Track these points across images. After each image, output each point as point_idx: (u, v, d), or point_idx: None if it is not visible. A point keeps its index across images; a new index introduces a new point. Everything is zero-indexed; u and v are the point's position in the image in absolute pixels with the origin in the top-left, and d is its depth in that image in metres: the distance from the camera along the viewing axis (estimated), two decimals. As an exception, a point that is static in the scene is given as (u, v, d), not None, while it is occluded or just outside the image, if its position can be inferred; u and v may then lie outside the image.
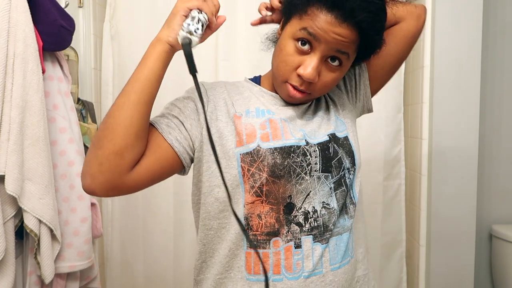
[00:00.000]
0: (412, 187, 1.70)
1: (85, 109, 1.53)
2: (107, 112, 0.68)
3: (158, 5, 1.67)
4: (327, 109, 0.83)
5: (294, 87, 0.74)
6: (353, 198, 0.79)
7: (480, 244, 1.75)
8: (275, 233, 0.72)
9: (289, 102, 0.79)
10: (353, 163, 0.78)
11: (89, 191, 0.67)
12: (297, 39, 0.71)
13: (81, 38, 1.64)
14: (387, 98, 1.67)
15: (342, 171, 0.76)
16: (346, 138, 0.79)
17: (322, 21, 0.68)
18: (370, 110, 0.92)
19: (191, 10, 0.66)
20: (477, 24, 1.51)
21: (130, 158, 0.67)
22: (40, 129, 1.05)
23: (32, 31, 1.04)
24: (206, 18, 0.67)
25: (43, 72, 1.11)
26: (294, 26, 0.71)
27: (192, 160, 0.77)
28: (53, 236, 1.12)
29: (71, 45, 1.31)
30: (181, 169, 0.77)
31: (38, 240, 1.07)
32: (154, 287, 1.77)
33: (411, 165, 1.71)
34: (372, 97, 0.91)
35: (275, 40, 0.83)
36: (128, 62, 1.72)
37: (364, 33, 0.70)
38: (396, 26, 0.85)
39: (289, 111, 0.78)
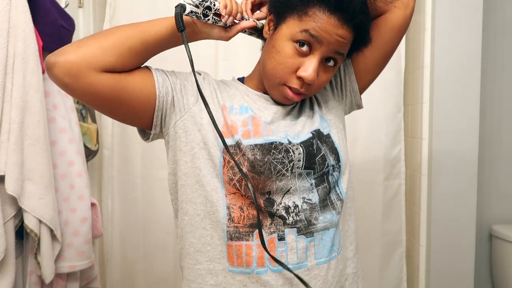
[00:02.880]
0: (412, 187, 1.70)
1: (85, 109, 1.53)
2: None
3: (158, 5, 1.67)
4: (311, 108, 0.83)
5: (293, 90, 0.73)
6: (340, 195, 0.78)
7: (480, 244, 1.75)
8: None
9: (281, 103, 0.79)
10: (337, 160, 0.77)
11: (49, 64, 0.65)
12: (296, 41, 0.70)
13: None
14: (387, 98, 1.67)
15: (326, 168, 0.75)
16: (328, 135, 0.79)
17: (325, 23, 0.67)
18: (359, 106, 0.90)
19: None
20: (477, 24, 1.51)
21: (108, 60, 0.67)
22: (40, 129, 1.05)
23: (32, 31, 1.04)
24: (215, 4, 0.70)
25: (43, 72, 1.11)
26: (293, 27, 0.70)
27: (161, 123, 0.76)
28: (53, 236, 1.12)
29: (71, 45, 1.31)
30: (149, 121, 0.75)
31: (38, 240, 1.07)
32: (154, 287, 1.77)
33: (411, 165, 1.71)
34: (363, 91, 0.89)
35: (260, 37, 0.82)
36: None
37: (359, 34, 0.72)
38: (382, 18, 0.81)
39: (272, 111, 0.78)
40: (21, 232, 1.10)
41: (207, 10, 0.70)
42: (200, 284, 0.74)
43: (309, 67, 0.70)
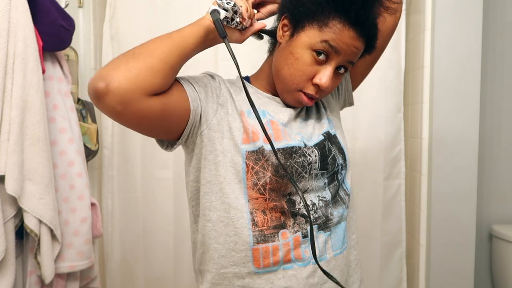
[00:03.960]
0: (412, 187, 1.70)
1: (85, 109, 1.53)
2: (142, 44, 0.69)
3: (158, 5, 1.67)
4: (318, 110, 0.86)
5: (308, 96, 0.76)
6: (347, 190, 0.85)
7: (480, 244, 1.75)
8: (282, 226, 0.74)
9: (292, 106, 0.81)
10: (344, 159, 0.83)
11: (99, 93, 0.62)
12: (315, 50, 0.72)
13: (81, 38, 1.63)
14: (387, 98, 1.67)
15: (336, 167, 0.81)
16: (335, 136, 0.84)
17: (345, 36, 0.71)
18: (351, 104, 0.97)
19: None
20: (477, 24, 1.51)
21: (157, 82, 0.65)
22: (40, 129, 1.05)
23: (32, 31, 1.04)
24: (240, 8, 0.72)
25: (43, 72, 1.11)
26: (313, 36, 0.72)
27: (189, 135, 0.76)
28: (53, 236, 1.12)
29: (71, 45, 1.31)
30: (177, 135, 0.75)
31: (38, 240, 1.08)
32: (154, 287, 1.77)
33: (411, 165, 1.71)
34: (354, 90, 0.96)
35: (273, 40, 0.84)
36: (128, 62, 1.72)
37: (370, 45, 0.76)
38: None
39: (286, 114, 0.80)
40: (21, 232, 1.10)
41: (234, 14, 0.72)
42: (227, 286, 0.77)
43: (325, 76, 0.73)
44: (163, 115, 0.69)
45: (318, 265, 0.70)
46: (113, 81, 0.61)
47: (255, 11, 0.80)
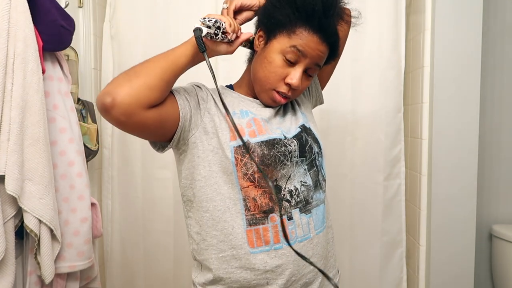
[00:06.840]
0: (412, 187, 1.70)
1: (85, 109, 1.53)
2: (140, 63, 0.79)
3: (158, 5, 1.67)
4: (293, 107, 0.99)
5: (281, 94, 0.88)
6: (324, 176, 0.96)
7: (480, 244, 1.75)
8: (271, 210, 0.85)
9: (268, 105, 0.92)
10: (319, 147, 0.95)
11: (106, 107, 0.73)
12: (285, 54, 0.84)
13: (81, 38, 1.64)
14: (387, 98, 1.67)
15: (313, 155, 0.92)
16: (310, 128, 0.96)
17: (310, 41, 0.83)
18: (321, 102, 1.12)
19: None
20: (477, 24, 1.51)
21: (154, 97, 0.77)
22: (40, 129, 1.05)
23: (32, 31, 1.04)
24: (223, 24, 0.81)
25: (43, 72, 1.11)
26: (283, 43, 0.84)
27: (179, 138, 0.85)
28: (53, 236, 1.12)
29: (71, 45, 1.31)
30: (170, 138, 0.85)
31: (38, 240, 1.08)
32: (154, 287, 1.77)
33: (411, 165, 1.71)
34: (322, 89, 1.10)
35: (251, 51, 0.96)
36: (128, 62, 1.72)
37: (332, 50, 0.88)
38: None
39: (266, 112, 0.92)
40: (21, 232, 1.10)
41: (217, 29, 0.81)
42: (226, 269, 0.86)
43: (295, 76, 0.85)
44: (159, 123, 0.80)
45: (291, 246, 0.83)
46: (118, 97, 0.73)
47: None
